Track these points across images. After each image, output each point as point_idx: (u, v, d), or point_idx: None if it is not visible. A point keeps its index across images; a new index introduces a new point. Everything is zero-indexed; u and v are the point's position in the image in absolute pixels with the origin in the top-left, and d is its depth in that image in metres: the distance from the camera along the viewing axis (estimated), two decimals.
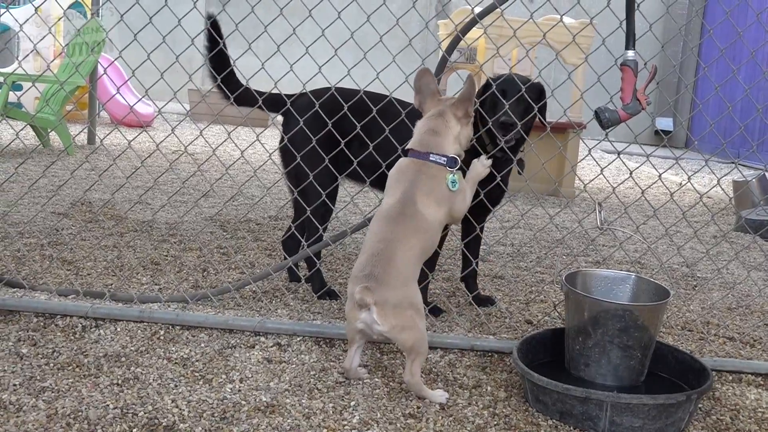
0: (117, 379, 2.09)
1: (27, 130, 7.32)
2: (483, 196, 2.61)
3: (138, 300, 2.69)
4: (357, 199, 5.10)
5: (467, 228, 2.94)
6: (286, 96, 2.92)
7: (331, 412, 2.00)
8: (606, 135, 2.68)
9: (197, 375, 2.17)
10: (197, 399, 2.01)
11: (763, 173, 5.74)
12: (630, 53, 2.58)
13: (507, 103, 2.62)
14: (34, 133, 7.00)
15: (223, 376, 2.17)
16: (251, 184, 5.55)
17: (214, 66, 2.85)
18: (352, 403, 2.05)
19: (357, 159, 2.77)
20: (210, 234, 3.90)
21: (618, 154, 2.81)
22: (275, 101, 2.94)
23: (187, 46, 2.75)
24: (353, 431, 1.91)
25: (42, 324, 2.47)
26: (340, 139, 2.76)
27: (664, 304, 2.25)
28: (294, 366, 2.28)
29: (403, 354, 2.16)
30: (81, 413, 1.89)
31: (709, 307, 3.20)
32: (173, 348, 2.35)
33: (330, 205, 2.89)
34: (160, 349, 2.33)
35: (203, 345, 2.39)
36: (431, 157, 2.27)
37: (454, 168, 2.28)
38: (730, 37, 10.78)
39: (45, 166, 5.10)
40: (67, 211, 4.16)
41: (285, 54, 2.72)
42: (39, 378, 2.07)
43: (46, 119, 6.56)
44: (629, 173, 2.71)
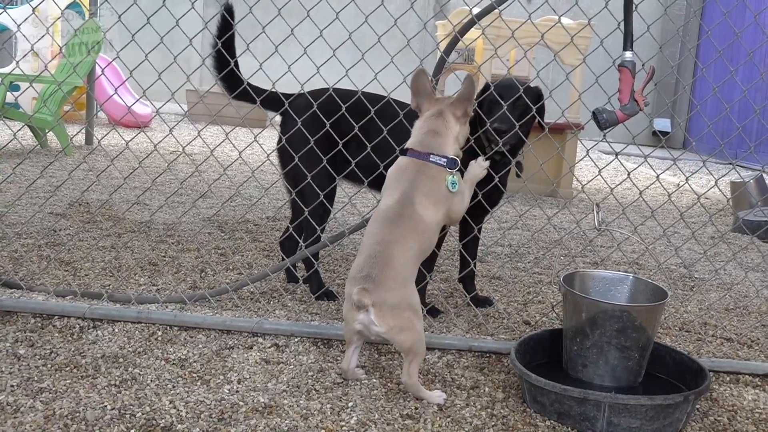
0: (115, 380, 2.09)
1: (24, 130, 7.32)
2: (481, 197, 2.61)
3: (136, 301, 2.68)
4: (355, 200, 5.10)
5: (465, 229, 2.94)
6: (284, 96, 2.92)
7: (329, 413, 2.00)
8: (604, 136, 2.68)
9: (195, 376, 2.17)
10: (195, 400, 2.01)
11: (761, 174, 5.75)
12: (628, 54, 2.58)
13: (505, 105, 2.62)
14: (31, 134, 7.00)
15: (221, 377, 2.17)
16: (249, 184, 5.54)
17: (219, 57, 2.83)
18: (349, 404, 2.05)
19: (355, 160, 2.77)
20: (208, 235, 3.90)
21: (616, 154, 2.81)
22: (274, 100, 2.94)
23: (185, 46, 2.75)
24: None
25: (39, 325, 2.47)
26: (338, 140, 2.76)
27: (661, 305, 2.25)
28: (292, 367, 2.28)
29: (401, 355, 2.16)
30: (79, 414, 1.88)
31: (707, 308, 3.21)
32: (171, 349, 2.35)
33: (328, 206, 2.89)
34: (157, 350, 2.33)
35: (201, 346, 2.39)
36: (431, 158, 2.26)
37: (453, 169, 2.28)
38: (727, 38, 10.79)
39: (43, 166, 5.09)
40: (65, 212, 4.15)
41: (283, 54, 2.72)
42: (36, 379, 2.07)
43: (43, 120, 6.55)
44: (627, 174, 2.71)
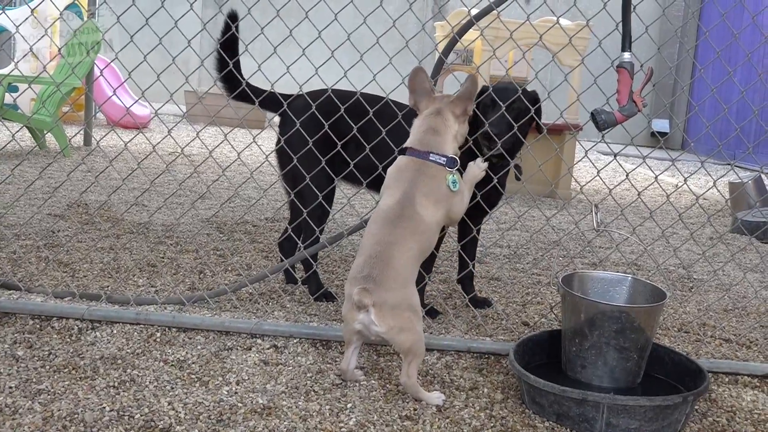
0: (113, 382, 2.09)
1: (23, 131, 7.32)
2: (480, 198, 2.61)
3: (134, 302, 2.68)
4: (354, 201, 5.10)
5: (464, 230, 2.94)
6: (282, 97, 2.92)
7: (328, 414, 2.00)
8: (602, 137, 2.68)
9: (194, 377, 2.16)
10: (194, 401, 2.01)
11: (759, 175, 5.76)
12: (626, 55, 2.58)
13: (500, 108, 2.61)
14: (30, 135, 6.99)
15: (220, 378, 2.17)
16: (248, 185, 5.54)
17: (221, 57, 2.83)
18: (348, 405, 2.05)
19: (354, 161, 2.77)
20: (206, 236, 3.90)
21: (614, 155, 2.81)
22: (273, 101, 2.95)
23: (184, 47, 2.75)
24: None
25: (38, 326, 2.47)
26: (336, 141, 2.76)
27: (660, 306, 2.25)
28: (290, 368, 2.28)
29: (400, 356, 2.16)
30: (77, 416, 1.88)
31: (706, 309, 3.21)
32: (170, 350, 2.35)
33: (327, 207, 2.89)
34: (156, 352, 2.33)
35: (200, 347, 2.39)
36: (431, 157, 2.26)
37: (453, 168, 2.28)
38: (726, 39, 10.80)
39: (41, 167, 5.09)
40: (64, 213, 4.15)
41: (281, 56, 2.72)
42: (35, 380, 2.07)
43: (42, 121, 6.55)
44: (626, 175, 2.71)
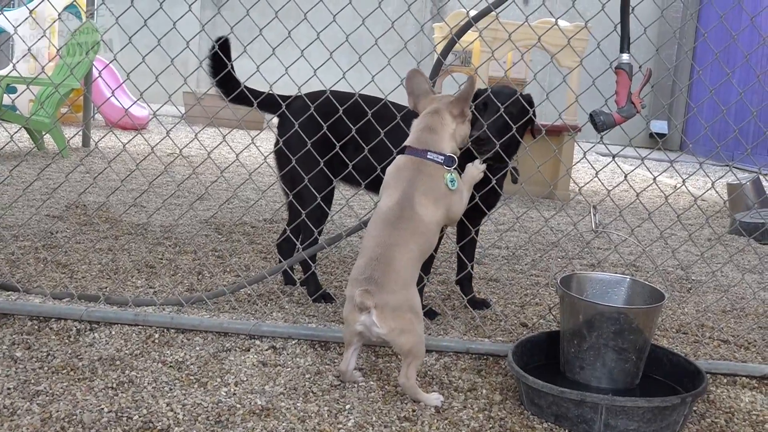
0: (112, 383, 2.09)
1: (21, 132, 7.31)
2: (478, 200, 2.61)
3: (133, 303, 2.68)
4: (352, 202, 5.10)
5: (462, 231, 2.94)
6: (281, 98, 2.92)
7: (326, 415, 2.00)
8: (601, 138, 2.68)
9: (192, 378, 2.16)
10: (192, 402, 2.01)
11: (757, 176, 5.77)
12: (624, 56, 2.58)
13: (492, 113, 2.61)
14: (28, 136, 6.99)
15: (218, 379, 2.17)
16: (246, 187, 5.54)
17: (214, 62, 2.83)
18: (347, 407, 2.05)
19: (352, 162, 2.77)
20: (205, 237, 3.90)
21: (613, 157, 2.82)
22: (272, 102, 2.94)
23: (182, 49, 2.75)
24: None
25: (36, 327, 2.47)
26: (335, 142, 2.76)
27: (658, 307, 2.25)
28: (289, 369, 2.28)
29: (399, 357, 2.16)
30: (75, 417, 1.88)
31: (704, 310, 3.21)
32: (168, 351, 2.34)
33: (325, 209, 2.89)
34: (154, 353, 2.33)
35: (198, 348, 2.39)
36: (428, 155, 2.27)
37: (451, 167, 2.28)
38: (724, 41, 10.82)
39: (39, 168, 5.09)
40: (62, 214, 4.15)
41: (280, 57, 2.72)
42: (33, 381, 2.06)
43: (40, 122, 6.55)
44: (624, 176, 2.71)
